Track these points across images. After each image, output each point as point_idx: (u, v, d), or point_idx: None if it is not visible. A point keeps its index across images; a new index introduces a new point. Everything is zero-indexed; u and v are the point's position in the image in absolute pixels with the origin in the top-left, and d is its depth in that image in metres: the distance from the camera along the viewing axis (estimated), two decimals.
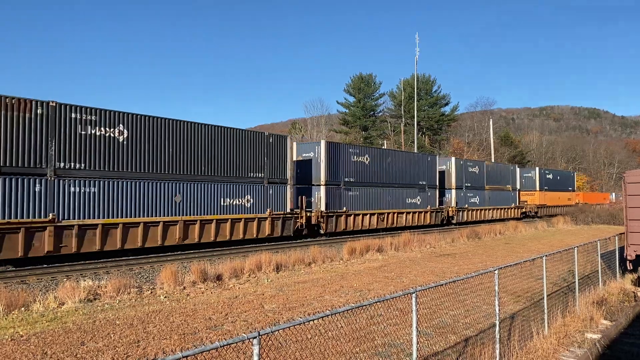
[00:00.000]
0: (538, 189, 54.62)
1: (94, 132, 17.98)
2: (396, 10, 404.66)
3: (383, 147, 45.90)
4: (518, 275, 12.69)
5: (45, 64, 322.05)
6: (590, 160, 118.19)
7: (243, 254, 19.70)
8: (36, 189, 16.39)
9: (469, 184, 43.03)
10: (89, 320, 9.63)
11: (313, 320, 4.47)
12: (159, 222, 19.76)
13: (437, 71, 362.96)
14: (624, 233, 14.93)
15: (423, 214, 36.58)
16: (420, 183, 36.78)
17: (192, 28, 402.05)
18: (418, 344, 5.97)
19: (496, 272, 7.59)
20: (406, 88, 79.65)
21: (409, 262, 18.66)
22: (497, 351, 7.21)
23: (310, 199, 28.26)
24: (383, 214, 32.53)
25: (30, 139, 16.37)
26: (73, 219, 17.22)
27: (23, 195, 16.08)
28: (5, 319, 9.68)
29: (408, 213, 34.87)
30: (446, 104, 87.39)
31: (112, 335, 8.66)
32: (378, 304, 6.53)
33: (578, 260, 11.58)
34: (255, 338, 3.75)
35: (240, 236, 23.00)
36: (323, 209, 27.97)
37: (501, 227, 33.88)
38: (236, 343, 3.65)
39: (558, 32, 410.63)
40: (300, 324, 4.34)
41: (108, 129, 18.42)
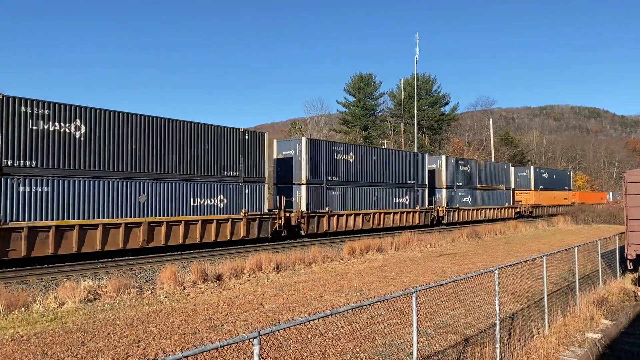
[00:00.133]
0: (533, 188, 53.87)
1: (47, 128, 16.89)
2: (396, 10, 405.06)
3: (369, 145, 45.17)
4: (518, 274, 12.69)
5: (45, 64, 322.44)
6: (591, 160, 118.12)
7: (243, 254, 19.71)
8: None
9: (461, 183, 42.11)
10: (89, 321, 9.62)
11: (313, 320, 4.47)
12: (120, 224, 18.66)
13: (437, 71, 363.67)
14: (624, 232, 14.94)
15: (411, 214, 35.61)
16: (409, 182, 35.80)
17: (192, 28, 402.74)
18: (418, 343, 5.96)
19: (496, 272, 7.59)
20: (406, 87, 79.69)
21: (409, 262, 18.66)
22: (498, 351, 7.21)
23: (291, 199, 27.30)
24: (369, 214, 31.53)
25: None
26: (22, 220, 16.09)
27: None
28: (6, 319, 9.68)
29: (395, 213, 33.84)
30: (446, 104, 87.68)
31: (113, 335, 8.66)
32: (378, 303, 6.53)
33: (578, 260, 11.58)
34: (255, 338, 3.75)
35: (212, 238, 21.95)
36: (304, 209, 26.97)
37: (501, 227, 33.84)
38: (236, 343, 3.64)
39: (558, 32, 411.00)
40: (300, 324, 4.34)
41: (63, 124, 17.36)
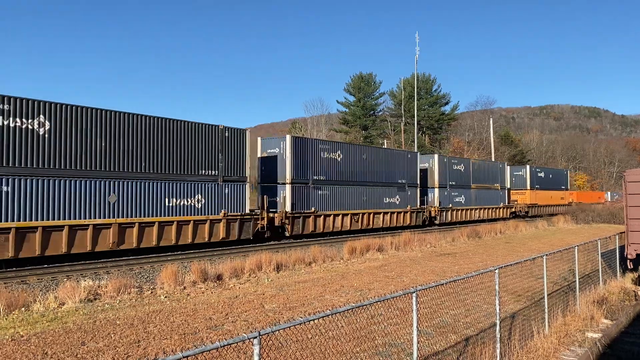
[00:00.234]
0: (529, 187, 52.77)
1: (7, 124, 15.98)
2: (396, 10, 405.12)
3: (357, 144, 44.60)
4: (519, 274, 12.70)
5: (45, 64, 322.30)
6: (591, 159, 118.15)
7: (243, 254, 19.72)
8: None
9: (454, 183, 41.14)
10: (90, 320, 9.63)
11: (313, 320, 4.47)
12: (88, 226, 17.75)
13: (437, 70, 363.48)
14: (624, 232, 14.94)
15: (402, 214, 34.70)
16: (400, 181, 34.90)
17: (192, 28, 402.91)
18: (418, 343, 5.96)
19: (496, 272, 7.59)
20: (406, 87, 79.67)
21: (410, 262, 18.66)
22: (498, 350, 7.21)
23: (275, 199, 26.49)
24: (357, 214, 30.71)
25: None
26: None
27: None
28: (6, 319, 9.68)
29: (385, 213, 32.99)
30: (446, 103, 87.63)
31: (113, 335, 8.67)
32: (378, 303, 6.53)
33: (578, 260, 11.58)
34: (255, 338, 3.75)
35: (188, 240, 21.11)
36: (288, 209, 26.09)
37: (501, 226, 33.82)
38: (237, 343, 3.64)
39: (558, 32, 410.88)
40: (300, 324, 4.34)
41: (25, 120, 16.41)
